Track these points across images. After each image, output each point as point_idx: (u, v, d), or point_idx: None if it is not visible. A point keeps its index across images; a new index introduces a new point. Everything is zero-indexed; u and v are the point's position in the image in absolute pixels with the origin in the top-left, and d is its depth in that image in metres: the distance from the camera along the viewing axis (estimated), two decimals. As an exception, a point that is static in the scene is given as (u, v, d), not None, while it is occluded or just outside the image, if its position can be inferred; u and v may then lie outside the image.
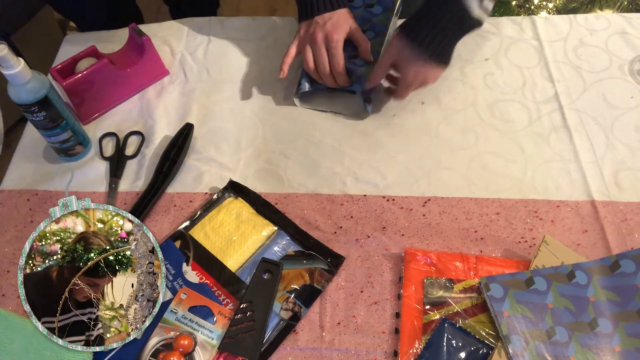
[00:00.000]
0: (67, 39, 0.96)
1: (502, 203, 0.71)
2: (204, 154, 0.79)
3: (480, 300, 0.62)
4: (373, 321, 0.63)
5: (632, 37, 0.88)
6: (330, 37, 0.75)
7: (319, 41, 0.76)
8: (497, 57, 0.87)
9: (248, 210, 0.71)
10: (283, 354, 0.61)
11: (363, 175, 0.75)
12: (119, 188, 0.76)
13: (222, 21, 0.96)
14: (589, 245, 0.67)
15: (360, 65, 0.79)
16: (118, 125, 0.83)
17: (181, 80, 0.88)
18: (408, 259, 0.65)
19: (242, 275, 0.66)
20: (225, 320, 0.62)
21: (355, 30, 0.78)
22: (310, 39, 0.77)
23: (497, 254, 0.67)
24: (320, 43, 0.76)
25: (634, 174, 0.73)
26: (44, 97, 0.68)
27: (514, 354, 0.57)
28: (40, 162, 0.80)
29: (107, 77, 0.81)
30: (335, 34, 0.75)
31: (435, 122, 0.80)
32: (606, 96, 0.81)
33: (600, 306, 0.59)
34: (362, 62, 0.79)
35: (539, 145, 0.77)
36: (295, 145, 0.79)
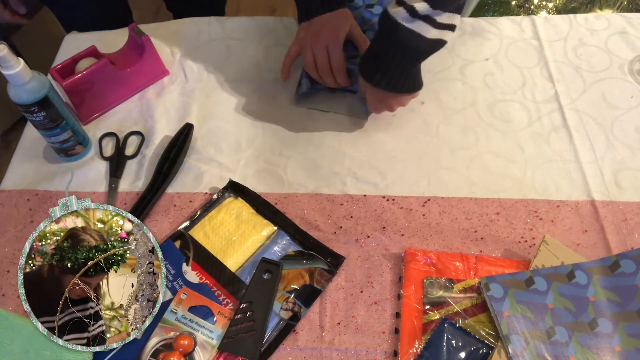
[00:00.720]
0: (67, 39, 0.96)
1: (502, 203, 0.71)
2: (204, 154, 0.79)
3: (480, 300, 0.62)
4: (373, 321, 0.63)
5: (632, 37, 0.88)
6: (330, 37, 0.75)
7: (318, 42, 0.76)
8: (497, 57, 0.87)
9: (248, 210, 0.71)
10: (283, 354, 0.61)
11: (363, 175, 0.75)
12: (119, 188, 0.76)
13: (222, 21, 0.96)
14: (589, 245, 0.67)
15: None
16: (118, 125, 0.83)
17: (181, 80, 0.88)
18: (408, 259, 0.65)
19: (242, 275, 0.66)
20: (225, 320, 0.62)
21: (354, 30, 0.78)
22: (310, 40, 0.77)
23: (497, 254, 0.67)
24: (320, 43, 0.76)
25: (634, 174, 0.73)
26: (44, 97, 0.68)
27: (514, 354, 0.57)
28: (40, 162, 0.80)
29: (107, 77, 0.81)
30: (335, 34, 0.75)
31: (435, 122, 0.80)
32: (606, 96, 0.81)
33: (600, 306, 0.59)
34: None
35: (539, 145, 0.77)
36: (295, 145, 0.79)
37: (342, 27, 0.76)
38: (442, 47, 0.65)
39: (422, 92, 0.83)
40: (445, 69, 0.86)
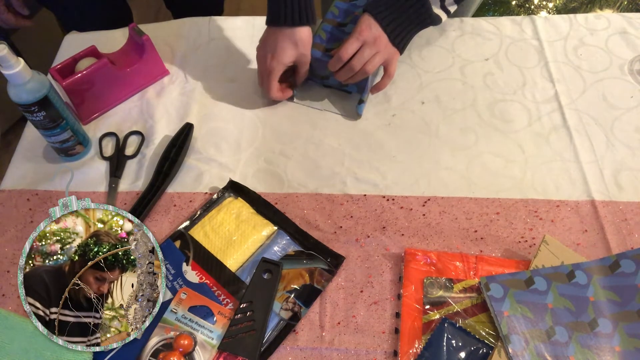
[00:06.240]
0: (67, 39, 0.96)
1: (502, 203, 0.71)
2: (204, 154, 0.79)
3: (480, 300, 0.62)
4: (373, 321, 0.63)
5: (632, 37, 0.88)
6: (270, 62, 0.76)
7: (263, 63, 0.78)
8: (497, 57, 0.87)
9: (248, 210, 0.71)
10: (283, 354, 0.61)
11: (363, 175, 0.75)
12: (119, 188, 0.76)
13: (222, 21, 0.96)
14: (589, 245, 0.67)
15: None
16: (118, 125, 0.83)
17: (181, 80, 0.88)
18: (408, 259, 0.65)
19: (242, 275, 0.66)
20: (225, 320, 0.62)
21: (300, 57, 0.77)
22: (260, 52, 0.79)
23: (497, 254, 0.67)
24: (263, 65, 0.78)
25: (634, 174, 0.73)
26: (43, 97, 0.68)
27: (514, 354, 0.57)
28: (40, 162, 0.80)
29: (107, 77, 0.81)
30: (276, 59, 0.76)
31: (435, 122, 0.80)
32: (606, 96, 0.81)
33: (600, 306, 0.59)
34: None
35: (539, 145, 0.77)
36: (295, 145, 0.79)
37: (287, 53, 0.76)
38: (432, 25, 0.77)
39: (422, 92, 0.83)
40: (445, 69, 0.86)
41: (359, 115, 0.81)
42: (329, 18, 0.83)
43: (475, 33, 0.91)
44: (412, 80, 0.85)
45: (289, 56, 0.76)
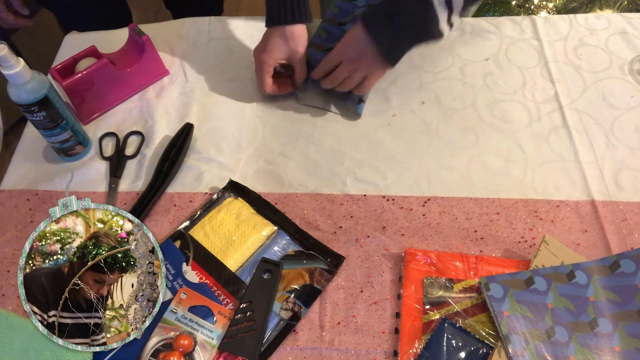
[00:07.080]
0: (67, 39, 0.96)
1: (502, 203, 0.71)
2: (204, 154, 0.79)
3: (480, 300, 0.62)
4: (373, 321, 0.63)
5: (632, 37, 0.88)
6: (261, 57, 0.78)
7: (256, 59, 0.80)
8: (497, 57, 0.87)
9: (248, 210, 0.71)
10: (283, 354, 0.61)
11: (363, 175, 0.75)
12: (119, 188, 0.76)
13: (222, 21, 0.96)
14: (589, 245, 0.67)
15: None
16: (118, 125, 0.83)
17: (181, 80, 0.88)
18: (408, 259, 0.65)
19: (242, 275, 0.66)
20: (225, 320, 0.62)
21: (292, 53, 0.78)
22: (255, 50, 0.80)
23: (497, 254, 0.67)
24: (256, 61, 0.80)
25: (634, 174, 0.73)
26: (43, 97, 0.68)
27: (514, 353, 0.57)
28: (40, 162, 0.80)
29: (107, 77, 0.81)
30: (266, 54, 0.77)
31: (435, 122, 0.80)
32: (606, 96, 0.81)
33: (600, 306, 0.59)
34: None
35: (539, 145, 0.77)
36: (295, 145, 0.79)
37: (278, 51, 0.77)
38: (433, 41, 0.70)
39: (422, 92, 0.83)
40: (445, 69, 0.86)
41: (359, 115, 0.81)
42: (329, 17, 0.83)
43: (475, 33, 0.91)
44: (412, 80, 0.85)
45: (280, 51, 0.77)
